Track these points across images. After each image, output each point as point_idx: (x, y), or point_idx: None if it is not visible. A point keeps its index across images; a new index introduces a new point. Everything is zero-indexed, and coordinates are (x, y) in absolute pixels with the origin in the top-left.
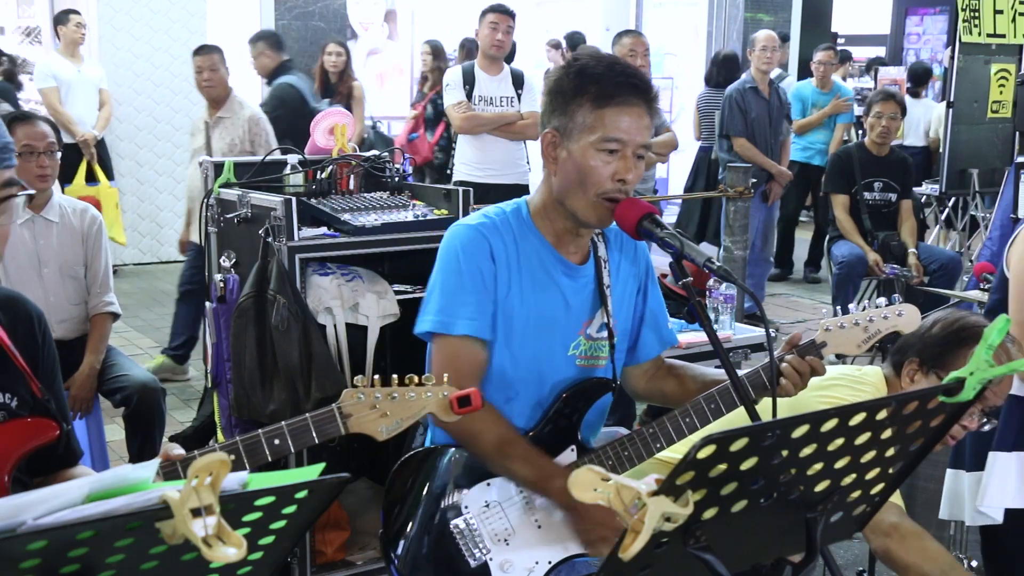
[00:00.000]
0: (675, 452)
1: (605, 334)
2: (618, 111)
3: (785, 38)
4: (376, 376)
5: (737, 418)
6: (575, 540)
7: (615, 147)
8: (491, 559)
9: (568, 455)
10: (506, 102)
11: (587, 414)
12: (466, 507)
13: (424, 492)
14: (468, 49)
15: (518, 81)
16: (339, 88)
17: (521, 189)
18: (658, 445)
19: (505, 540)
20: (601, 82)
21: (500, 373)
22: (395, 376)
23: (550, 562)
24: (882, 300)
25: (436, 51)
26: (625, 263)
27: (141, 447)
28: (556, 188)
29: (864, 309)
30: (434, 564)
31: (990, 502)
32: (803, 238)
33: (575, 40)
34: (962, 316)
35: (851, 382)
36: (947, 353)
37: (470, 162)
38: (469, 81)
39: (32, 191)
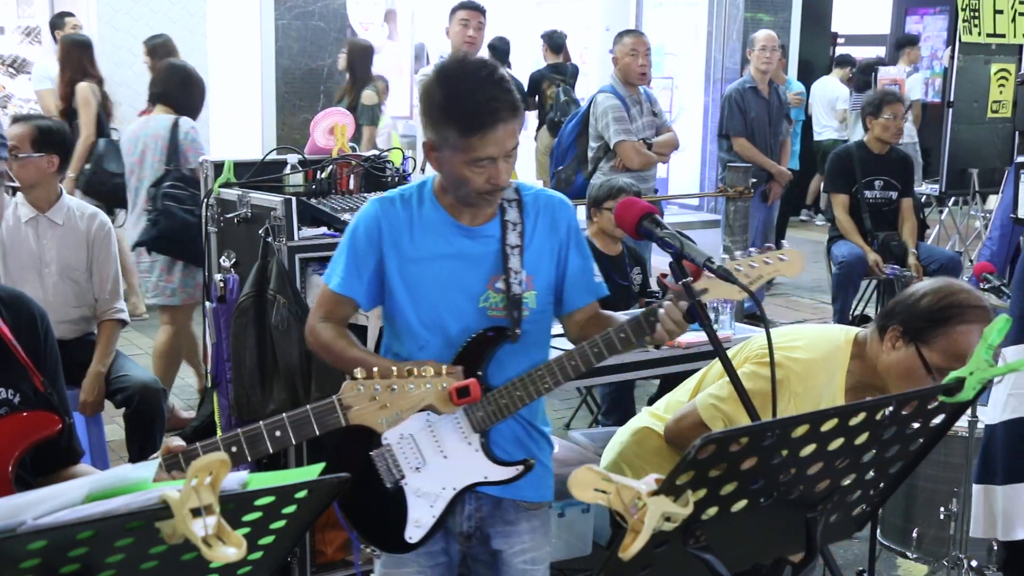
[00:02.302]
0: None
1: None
2: (483, 136)
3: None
4: (376, 368)
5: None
6: (476, 469)
7: (485, 164)
8: (406, 484)
9: None
10: None
11: (492, 357)
12: (385, 439)
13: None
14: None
15: None
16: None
17: None
18: (545, 385)
19: (417, 468)
20: (464, 115)
21: (407, 325)
22: (394, 368)
23: (455, 488)
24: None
25: (153, 50)
26: (542, 226)
27: (141, 447)
28: (443, 181)
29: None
30: (360, 486)
31: None
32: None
33: (556, 40)
34: (952, 292)
35: (813, 338)
36: (930, 329)
37: None
38: None
39: (17, 184)
